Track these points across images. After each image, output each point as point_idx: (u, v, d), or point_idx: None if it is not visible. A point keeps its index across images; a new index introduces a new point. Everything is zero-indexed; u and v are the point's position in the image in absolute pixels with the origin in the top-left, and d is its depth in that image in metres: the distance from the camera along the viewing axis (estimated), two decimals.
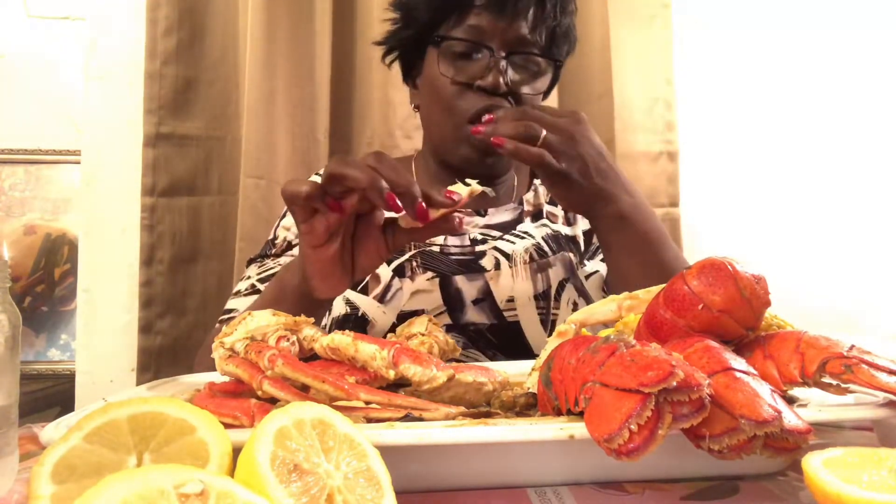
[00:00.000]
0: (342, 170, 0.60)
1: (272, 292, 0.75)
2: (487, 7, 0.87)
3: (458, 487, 0.44)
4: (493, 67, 0.87)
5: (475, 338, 0.89)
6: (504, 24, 0.87)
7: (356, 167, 0.60)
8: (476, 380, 0.51)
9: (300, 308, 0.67)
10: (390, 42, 1.00)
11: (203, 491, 0.29)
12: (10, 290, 0.46)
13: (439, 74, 0.90)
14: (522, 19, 0.88)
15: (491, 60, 0.87)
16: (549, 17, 0.90)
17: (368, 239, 0.67)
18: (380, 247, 0.67)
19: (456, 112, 0.89)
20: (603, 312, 0.59)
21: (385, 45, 1.01)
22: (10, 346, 0.44)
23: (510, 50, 0.88)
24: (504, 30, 0.87)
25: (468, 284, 0.90)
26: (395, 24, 0.98)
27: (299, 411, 0.37)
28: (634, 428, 0.35)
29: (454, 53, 0.90)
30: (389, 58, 1.02)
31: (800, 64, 1.55)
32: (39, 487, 0.34)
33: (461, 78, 0.89)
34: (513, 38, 0.88)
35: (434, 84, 0.92)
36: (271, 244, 0.98)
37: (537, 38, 0.89)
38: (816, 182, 1.53)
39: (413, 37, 0.95)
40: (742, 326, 0.46)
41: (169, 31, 1.34)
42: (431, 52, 0.92)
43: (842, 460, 0.37)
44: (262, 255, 0.98)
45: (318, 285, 0.67)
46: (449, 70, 0.89)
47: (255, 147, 1.31)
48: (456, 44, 0.89)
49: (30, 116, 1.52)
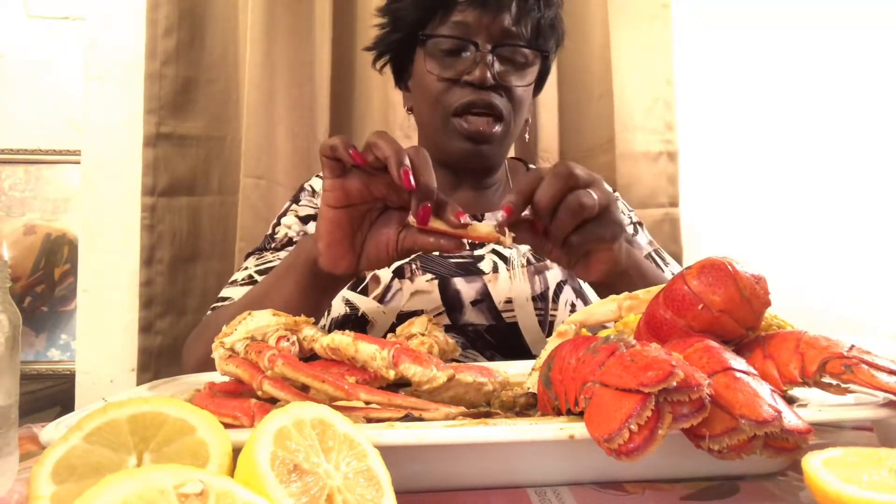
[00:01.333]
0: (377, 139, 0.61)
1: (281, 266, 0.76)
2: (471, 3, 0.89)
3: (458, 487, 0.43)
4: (480, 61, 0.88)
5: (473, 338, 0.89)
6: (488, 18, 0.89)
7: (391, 142, 0.61)
8: (476, 380, 0.51)
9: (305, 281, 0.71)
10: (380, 47, 1.02)
11: (203, 491, 0.29)
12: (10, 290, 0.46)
13: (427, 73, 0.91)
14: (506, 13, 0.89)
15: (477, 55, 0.89)
16: (532, 10, 0.91)
17: (383, 231, 0.68)
18: (389, 241, 0.68)
19: (444, 107, 0.91)
20: (603, 312, 0.59)
21: (375, 49, 1.02)
22: (10, 346, 0.44)
23: (496, 43, 0.90)
24: (489, 24, 0.89)
25: (467, 286, 0.91)
26: (383, 28, 1.00)
27: (299, 411, 0.37)
28: (634, 428, 0.35)
29: (441, 51, 0.91)
30: (380, 62, 1.04)
31: (800, 64, 1.55)
32: (39, 487, 0.34)
33: (448, 74, 0.91)
34: (498, 31, 0.89)
35: (423, 83, 0.94)
36: (270, 238, 0.99)
37: (522, 30, 0.91)
38: (816, 182, 1.53)
39: (401, 39, 0.97)
40: (742, 326, 0.46)
41: (169, 31, 1.34)
42: (419, 53, 0.94)
43: (842, 460, 0.37)
44: (260, 249, 0.98)
45: (325, 250, 0.67)
46: (436, 67, 0.91)
47: (255, 147, 1.31)
48: (442, 41, 0.91)
49: (30, 116, 1.52)
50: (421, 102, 0.97)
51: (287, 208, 1.03)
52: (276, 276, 0.77)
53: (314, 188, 1.05)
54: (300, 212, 1.01)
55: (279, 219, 1.01)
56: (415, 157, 0.61)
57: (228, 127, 1.39)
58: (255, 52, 1.31)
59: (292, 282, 0.73)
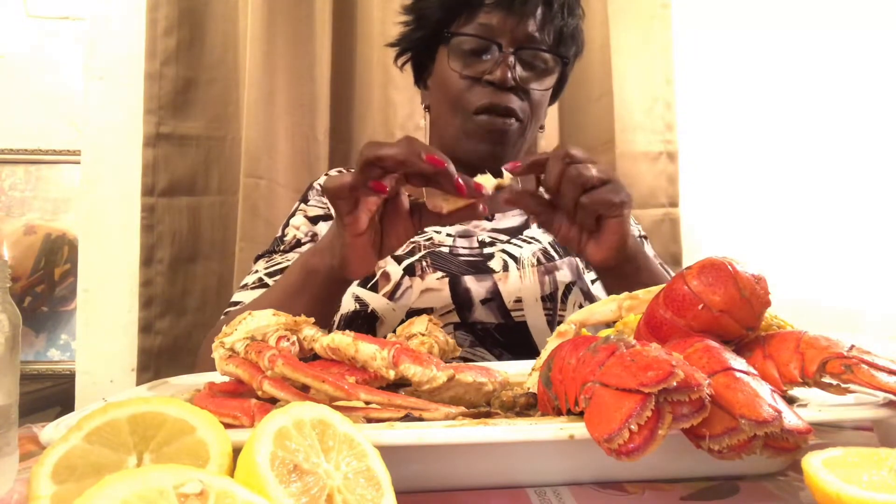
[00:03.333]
0: (377, 152, 0.62)
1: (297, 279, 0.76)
2: (497, 6, 0.90)
3: (459, 487, 0.43)
4: (502, 62, 0.90)
5: (482, 336, 0.89)
6: (513, 21, 0.90)
7: (390, 145, 0.62)
8: (476, 380, 0.51)
9: (326, 291, 0.74)
10: (403, 44, 1.03)
11: (202, 491, 0.29)
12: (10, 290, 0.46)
13: (449, 70, 0.93)
14: (531, 18, 0.90)
15: (500, 56, 0.90)
16: (556, 17, 0.92)
17: (396, 220, 0.70)
18: (408, 228, 0.70)
19: (464, 105, 0.92)
20: (603, 312, 0.59)
21: (398, 46, 1.04)
22: (10, 346, 0.44)
23: (518, 46, 0.91)
24: (513, 27, 0.90)
25: (477, 284, 0.91)
26: (408, 25, 1.02)
27: (299, 411, 0.37)
28: (634, 428, 0.35)
29: (464, 51, 0.93)
30: (402, 60, 1.05)
31: (800, 64, 1.55)
32: (39, 487, 0.34)
33: (470, 72, 0.92)
34: (521, 35, 0.91)
35: (444, 80, 0.95)
36: (280, 241, 0.99)
37: (545, 36, 0.92)
38: (816, 182, 1.53)
39: (425, 37, 0.98)
40: (742, 326, 0.46)
41: (169, 31, 1.34)
42: (442, 52, 0.95)
43: (842, 460, 0.37)
44: (270, 251, 0.99)
45: (356, 269, 0.70)
46: (458, 65, 0.92)
47: (255, 147, 1.31)
48: (466, 41, 0.92)
49: (30, 116, 1.52)
50: (440, 100, 0.98)
51: (296, 209, 1.03)
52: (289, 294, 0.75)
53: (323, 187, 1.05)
54: (309, 212, 1.01)
55: (288, 220, 1.01)
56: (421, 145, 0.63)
57: (228, 127, 1.39)
58: (255, 52, 1.31)
59: (310, 296, 0.73)
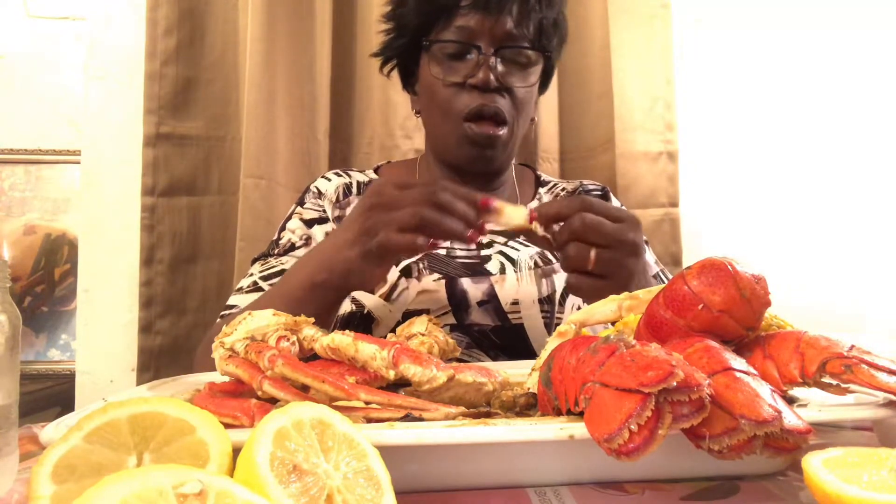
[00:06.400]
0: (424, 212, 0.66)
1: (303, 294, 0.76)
2: (473, 6, 0.90)
3: (459, 487, 0.43)
4: (483, 64, 0.90)
5: (479, 338, 0.89)
6: (490, 21, 0.90)
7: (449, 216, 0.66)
8: (476, 380, 0.51)
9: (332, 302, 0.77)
10: (386, 52, 1.03)
11: (202, 491, 0.29)
12: (10, 290, 0.46)
13: (432, 78, 0.92)
14: (508, 15, 0.90)
15: (480, 58, 0.90)
16: (534, 10, 0.92)
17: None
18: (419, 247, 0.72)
19: (452, 112, 0.92)
20: (603, 312, 0.59)
21: (381, 55, 1.04)
22: (10, 346, 0.44)
23: (498, 45, 0.90)
24: (491, 27, 0.90)
25: (474, 286, 0.91)
26: (389, 34, 1.01)
27: (298, 411, 0.37)
28: (634, 428, 0.35)
29: (445, 55, 0.93)
30: (387, 67, 1.05)
31: (800, 64, 1.54)
32: (39, 487, 0.33)
33: (452, 78, 0.92)
34: (500, 34, 0.90)
35: (429, 87, 0.95)
36: (275, 244, 0.99)
37: (524, 31, 0.91)
38: (817, 182, 1.53)
39: (406, 44, 0.98)
40: (742, 326, 0.46)
41: (169, 31, 1.34)
42: (425, 58, 0.95)
43: (842, 460, 0.37)
44: (265, 255, 0.99)
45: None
46: (440, 72, 0.92)
47: (255, 147, 1.31)
48: (446, 45, 0.92)
49: (30, 116, 1.52)
50: (429, 106, 0.98)
51: (292, 211, 1.03)
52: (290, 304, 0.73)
53: (319, 190, 1.04)
54: (305, 215, 1.01)
55: (284, 223, 1.01)
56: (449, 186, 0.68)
57: (228, 127, 1.39)
58: (255, 52, 1.31)
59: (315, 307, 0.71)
